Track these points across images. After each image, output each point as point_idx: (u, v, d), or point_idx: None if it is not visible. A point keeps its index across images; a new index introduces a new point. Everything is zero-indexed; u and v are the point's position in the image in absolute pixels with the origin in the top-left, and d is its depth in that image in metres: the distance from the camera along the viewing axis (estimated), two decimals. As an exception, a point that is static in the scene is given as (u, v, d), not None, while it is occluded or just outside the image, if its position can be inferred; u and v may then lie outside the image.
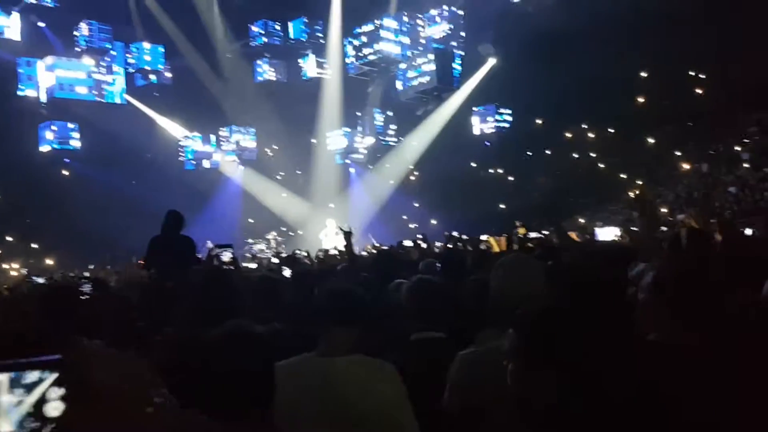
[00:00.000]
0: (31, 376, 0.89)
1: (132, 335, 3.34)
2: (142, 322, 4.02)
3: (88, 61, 29.59)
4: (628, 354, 1.90)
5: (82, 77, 29.76)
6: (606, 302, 2.34)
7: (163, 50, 32.44)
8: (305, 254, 10.71)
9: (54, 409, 0.87)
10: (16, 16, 28.41)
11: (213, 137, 33.51)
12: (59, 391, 0.88)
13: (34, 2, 28.35)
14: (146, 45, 31.74)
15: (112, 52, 30.74)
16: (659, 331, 2.16)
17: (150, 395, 0.87)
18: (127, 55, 32.02)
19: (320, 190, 33.47)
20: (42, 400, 0.88)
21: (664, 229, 16.98)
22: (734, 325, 2.41)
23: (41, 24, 29.35)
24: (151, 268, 6.57)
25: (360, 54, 31.92)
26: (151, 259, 6.44)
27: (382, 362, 2.46)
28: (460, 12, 32.09)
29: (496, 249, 8.59)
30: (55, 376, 0.88)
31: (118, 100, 30.45)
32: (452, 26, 31.60)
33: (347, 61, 32.65)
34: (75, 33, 30.36)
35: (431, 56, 31.36)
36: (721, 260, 3.40)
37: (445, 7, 31.79)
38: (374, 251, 12.06)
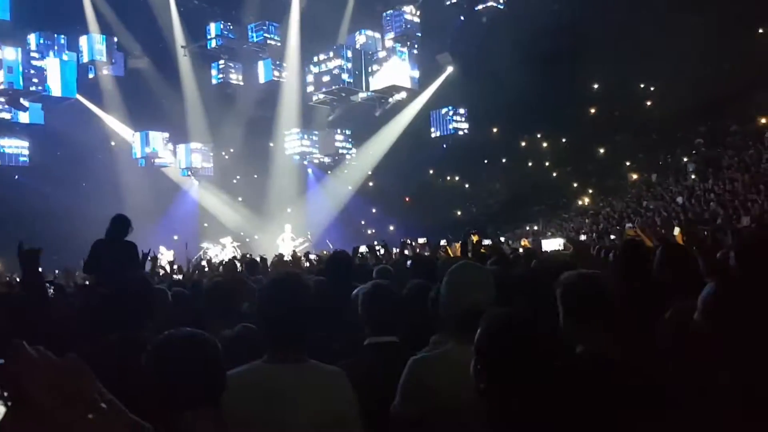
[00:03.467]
0: None
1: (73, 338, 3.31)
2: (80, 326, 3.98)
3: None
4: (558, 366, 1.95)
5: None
6: (548, 313, 2.41)
7: (116, 42, 31.51)
8: (258, 259, 10.62)
9: None
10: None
11: (167, 142, 32.84)
12: None
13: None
14: (97, 36, 30.71)
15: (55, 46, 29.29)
16: (584, 343, 2.22)
17: (93, 400, 0.87)
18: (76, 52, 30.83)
19: (278, 194, 33.21)
20: None
21: (612, 237, 17.47)
22: (666, 336, 2.49)
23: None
24: (91, 273, 6.50)
25: (320, 81, 31.81)
26: (91, 264, 6.35)
27: (334, 369, 2.45)
28: (416, 19, 32.30)
29: (451, 255, 8.69)
30: None
31: (57, 93, 29.09)
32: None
33: (307, 89, 32.57)
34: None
35: (336, 58, 31.26)
36: (657, 272, 3.52)
37: (406, 10, 31.89)
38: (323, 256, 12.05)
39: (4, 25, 27.16)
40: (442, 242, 10.46)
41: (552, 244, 13.28)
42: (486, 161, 32.98)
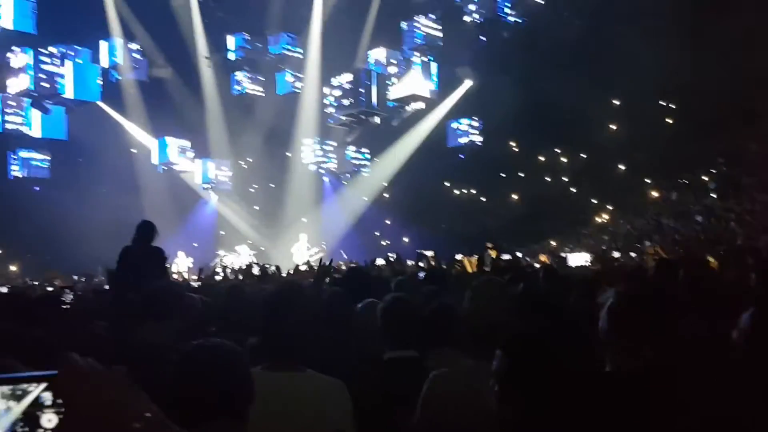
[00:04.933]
0: (23, 389, 0.90)
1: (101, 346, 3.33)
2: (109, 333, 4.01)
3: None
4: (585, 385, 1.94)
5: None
6: (574, 331, 2.40)
7: (139, 48, 31.98)
8: (274, 269, 10.69)
9: (45, 423, 0.89)
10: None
11: (186, 150, 33.18)
12: (51, 406, 0.89)
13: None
14: (119, 40, 31.15)
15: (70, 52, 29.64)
16: (613, 361, 2.20)
17: (139, 411, 0.89)
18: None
19: (294, 203, 33.36)
20: (32, 415, 0.89)
21: (633, 255, 17.33)
22: (687, 355, 2.47)
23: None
24: (119, 279, 6.56)
25: (339, 102, 32.11)
26: (120, 270, 6.42)
27: (333, 381, 2.44)
28: (436, 32, 32.46)
29: (469, 269, 8.66)
30: (47, 391, 0.90)
31: (70, 95, 29.47)
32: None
33: (326, 110, 32.91)
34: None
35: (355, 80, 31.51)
36: (683, 290, 3.49)
37: (426, 23, 32.06)
38: (344, 268, 12.06)
39: (30, 37, 27.77)
40: (458, 256, 10.42)
41: (577, 260, 13.12)
42: (503, 175, 32.87)
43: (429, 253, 13.49)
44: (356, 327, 3.65)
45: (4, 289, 11.33)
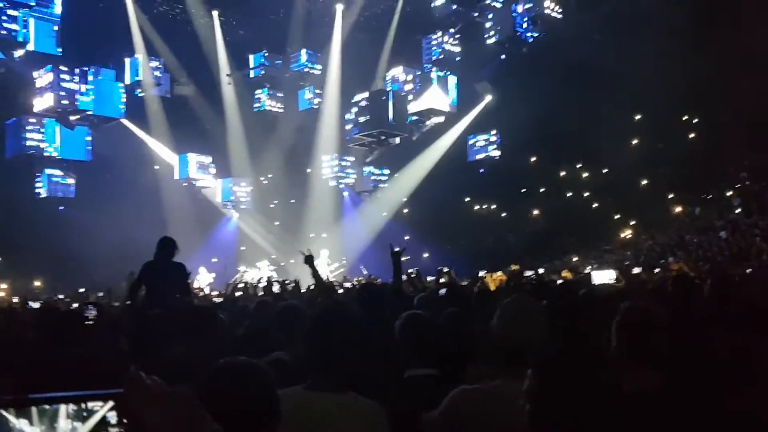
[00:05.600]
0: (88, 408, 0.91)
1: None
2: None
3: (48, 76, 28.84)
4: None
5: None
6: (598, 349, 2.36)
7: (162, 64, 32.56)
8: (293, 284, 10.66)
9: None
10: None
11: (209, 166, 33.58)
12: (116, 425, 0.90)
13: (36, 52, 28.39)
14: (141, 56, 31.75)
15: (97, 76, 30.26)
16: (625, 378, 2.16)
17: (203, 429, 0.89)
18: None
19: (314, 219, 33.50)
20: None
21: (657, 271, 17.08)
22: (709, 371, 2.42)
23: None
24: (139, 293, 6.59)
25: (358, 122, 32.45)
26: (141, 284, 6.45)
27: (373, 403, 2.42)
28: (455, 48, 32.64)
29: (492, 286, 8.59)
30: (112, 409, 0.91)
31: (91, 111, 30.00)
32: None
33: (346, 127, 33.27)
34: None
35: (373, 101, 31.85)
36: (706, 307, 3.43)
37: (444, 39, 32.26)
38: (358, 284, 12.06)
39: (55, 57, 28.47)
40: (481, 273, 10.34)
41: (602, 277, 12.91)
42: (524, 190, 32.67)
43: (445, 269, 13.40)
44: (377, 344, 3.63)
45: (36, 305, 11.45)
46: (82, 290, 20.11)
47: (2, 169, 28.41)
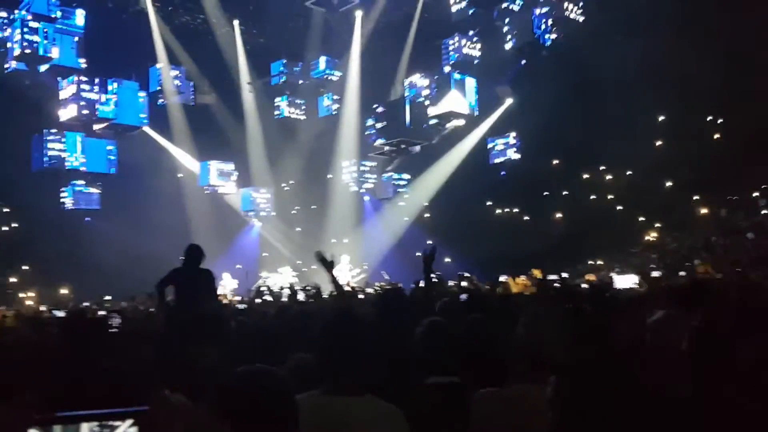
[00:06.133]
0: (111, 425, 0.93)
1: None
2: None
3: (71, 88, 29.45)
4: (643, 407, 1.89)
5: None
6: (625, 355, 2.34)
7: (184, 73, 32.99)
8: (314, 290, 10.68)
9: None
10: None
11: (231, 174, 33.92)
12: None
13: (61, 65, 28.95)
14: (163, 65, 32.14)
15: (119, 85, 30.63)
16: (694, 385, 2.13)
17: None
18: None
19: (335, 225, 33.58)
20: None
21: (682, 274, 16.84)
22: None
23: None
24: (166, 295, 6.70)
25: (378, 130, 32.70)
26: (168, 285, 6.54)
27: (391, 407, 2.42)
28: (475, 52, 32.57)
29: (514, 289, 8.55)
30: (132, 426, 0.92)
31: (113, 120, 30.45)
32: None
33: (366, 133, 33.50)
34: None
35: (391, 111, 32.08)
36: (733, 312, 3.38)
37: (463, 43, 32.24)
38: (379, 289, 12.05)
39: (78, 69, 29.01)
40: (502, 278, 10.29)
41: (625, 281, 12.71)
42: (546, 193, 32.41)
43: (466, 275, 13.35)
44: (397, 351, 3.62)
45: (62, 314, 11.61)
46: (107, 297, 20.44)
47: (29, 182, 28.96)
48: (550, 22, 30.65)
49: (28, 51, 27.55)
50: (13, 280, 27.96)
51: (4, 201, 29.03)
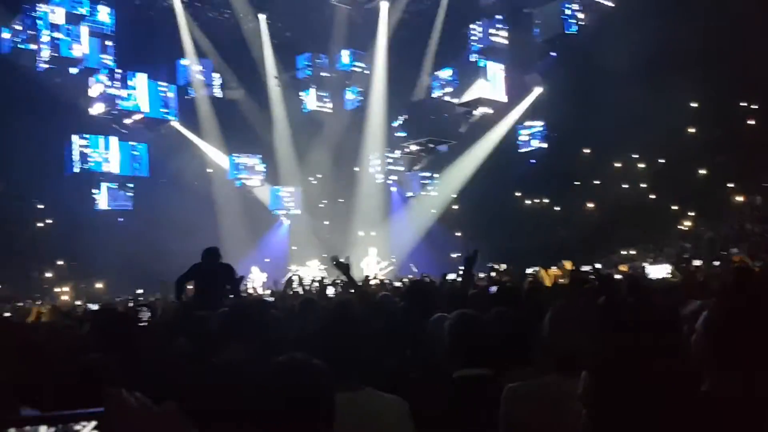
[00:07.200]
0: (72, 428, 0.89)
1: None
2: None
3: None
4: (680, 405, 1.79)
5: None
6: (659, 347, 2.24)
7: (212, 66, 33.30)
8: (340, 283, 10.68)
9: None
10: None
11: (258, 167, 34.19)
12: None
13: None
14: (192, 58, 32.46)
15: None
16: (708, 380, 2.02)
17: None
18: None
19: (363, 218, 33.61)
20: None
21: (716, 263, 16.47)
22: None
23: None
24: (186, 288, 6.83)
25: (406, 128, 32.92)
26: (188, 279, 6.66)
27: (393, 398, 2.40)
28: (502, 40, 32.23)
29: (547, 282, 8.43)
30: (96, 429, 0.88)
31: (139, 115, 30.82)
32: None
33: (393, 124, 33.67)
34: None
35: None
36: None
37: (492, 31, 32.00)
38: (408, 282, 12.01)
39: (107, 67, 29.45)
40: (530, 269, 10.15)
41: (658, 272, 12.47)
42: (577, 183, 31.96)
43: (502, 267, 13.24)
44: (424, 343, 3.57)
45: (95, 306, 11.84)
46: (140, 291, 20.80)
47: (64, 184, 29.55)
48: (578, 7, 30.16)
49: (55, 54, 28.01)
50: (48, 275, 28.61)
51: (39, 198, 29.65)
